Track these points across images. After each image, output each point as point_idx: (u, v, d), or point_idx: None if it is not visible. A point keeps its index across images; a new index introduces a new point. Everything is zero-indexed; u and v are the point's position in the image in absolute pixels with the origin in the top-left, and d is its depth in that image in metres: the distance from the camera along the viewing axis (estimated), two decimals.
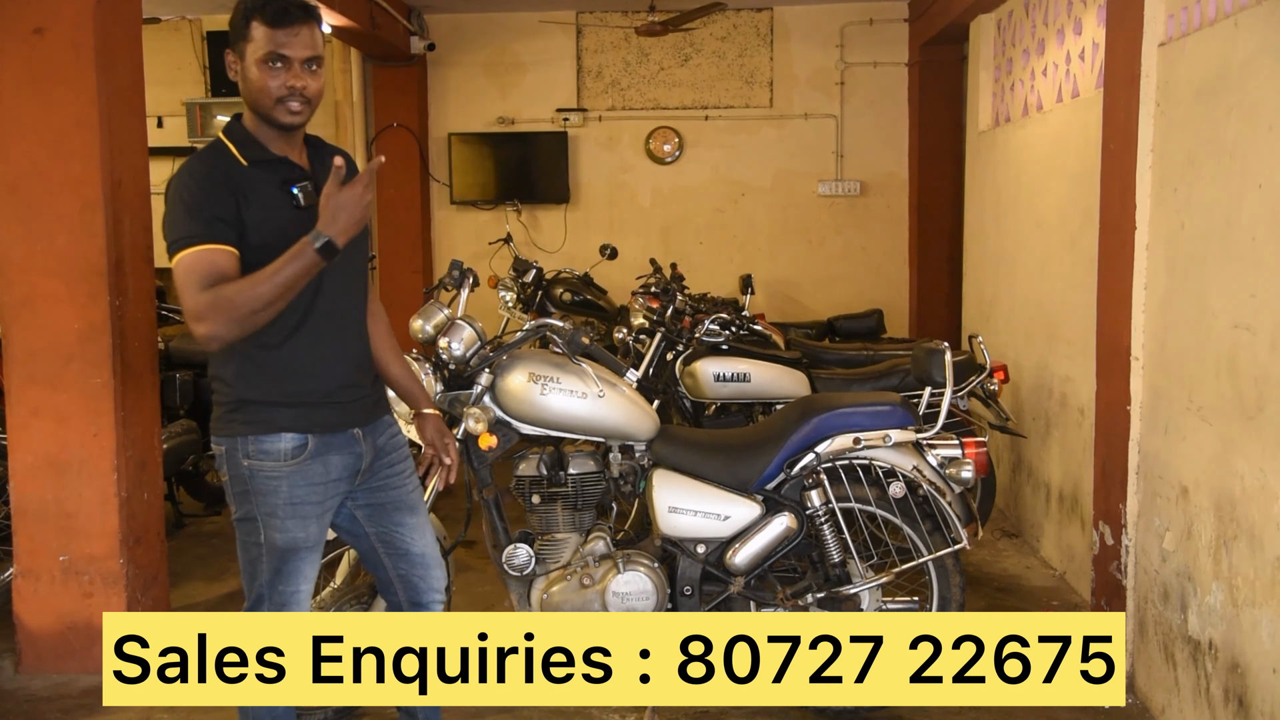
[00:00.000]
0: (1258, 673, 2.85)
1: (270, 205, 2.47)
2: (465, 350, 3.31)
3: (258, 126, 2.53)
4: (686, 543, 3.42)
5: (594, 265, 7.58)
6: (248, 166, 2.48)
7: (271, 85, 2.44)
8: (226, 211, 2.40)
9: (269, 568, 2.64)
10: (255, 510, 2.59)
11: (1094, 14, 4.60)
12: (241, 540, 2.65)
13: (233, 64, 2.51)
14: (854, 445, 3.38)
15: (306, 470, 2.59)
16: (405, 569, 2.85)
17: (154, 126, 8.40)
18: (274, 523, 2.59)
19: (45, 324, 3.82)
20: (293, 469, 2.57)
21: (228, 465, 2.61)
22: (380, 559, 2.83)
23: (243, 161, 2.49)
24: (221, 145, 2.52)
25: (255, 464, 2.57)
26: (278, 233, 2.42)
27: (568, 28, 8.56)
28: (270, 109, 2.47)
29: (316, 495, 2.62)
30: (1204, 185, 3.19)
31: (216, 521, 5.79)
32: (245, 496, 2.60)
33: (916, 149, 8.23)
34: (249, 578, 2.68)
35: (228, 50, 2.51)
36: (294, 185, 2.50)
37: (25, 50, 3.76)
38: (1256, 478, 2.85)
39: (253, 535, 2.62)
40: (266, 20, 2.42)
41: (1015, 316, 5.61)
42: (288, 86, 2.44)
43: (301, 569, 2.66)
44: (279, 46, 2.43)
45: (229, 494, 2.65)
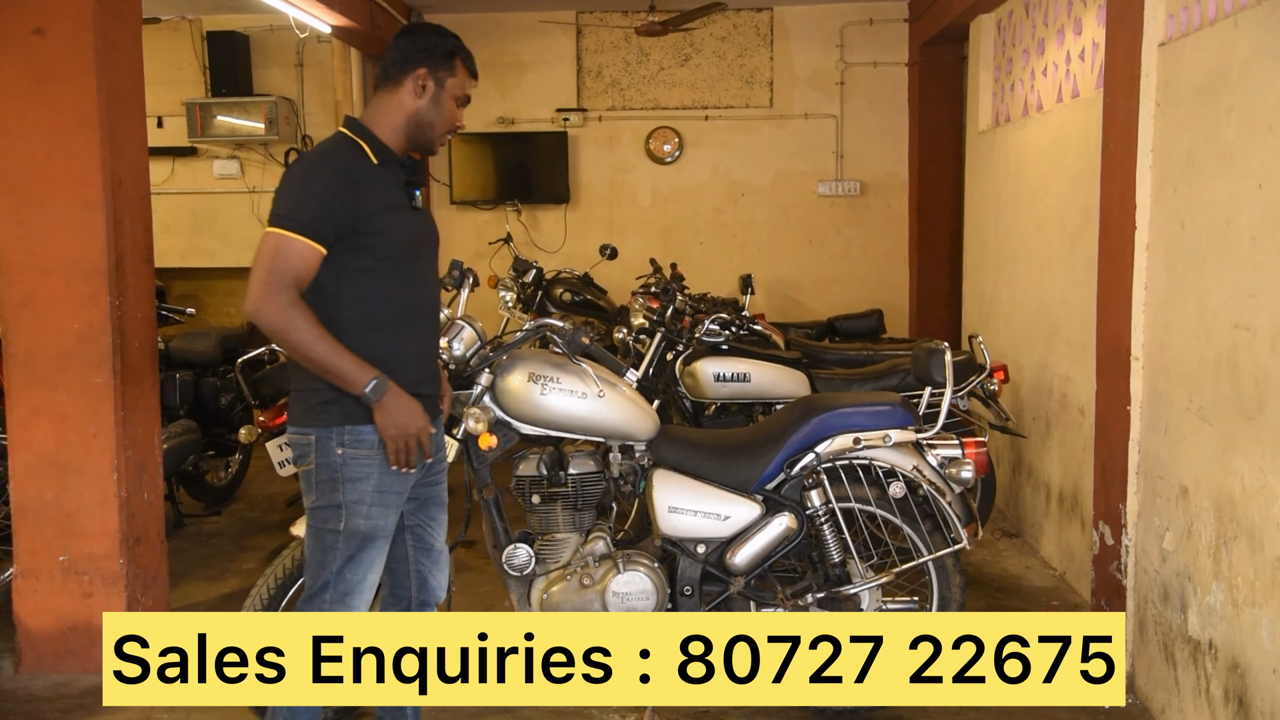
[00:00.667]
0: (1258, 673, 2.85)
1: (393, 202, 2.69)
2: (465, 350, 3.31)
3: (392, 135, 2.74)
4: (686, 543, 3.42)
5: (594, 265, 7.58)
6: (378, 165, 2.70)
7: (452, 119, 2.79)
8: (340, 212, 2.58)
9: (343, 555, 2.71)
10: (342, 497, 2.68)
11: (1094, 14, 4.60)
12: (316, 528, 2.72)
13: (423, 81, 2.73)
14: (854, 445, 3.38)
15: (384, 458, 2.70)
16: (426, 565, 2.96)
17: (154, 126, 8.40)
18: (360, 509, 2.68)
19: (45, 324, 3.83)
20: (384, 458, 2.69)
21: (317, 453, 2.69)
22: (407, 552, 2.93)
23: (374, 159, 2.69)
24: (353, 142, 2.71)
25: (350, 452, 2.67)
26: (397, 225, 2.69)
27: (568, 28, 8.57)
28: (438, 136, 2.79)
29: (400, 485, 2.75)
30: (1204, 185, 3.19)
31: (216, 521, 5.78)
32: (333, 484, 2.68)
33: (916, 149, 8.23)
34: (317, 566, 2.74)
35: (420, 67, 2.72)
36: (416, 188, 2.77)
37: (25, 50, 3.76)
38: (1256, 478, 2.85)
39: (331, 522, 2.69)
40: (469, 68, 2.81)
41: (1015, 316, 5.61)
42: (458, 124, 2.81)
43: (374, 558, 2.76)
44: (469, 91, 2.83)
45: (310, 482, 2.71)
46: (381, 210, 2.64)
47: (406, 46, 2.74)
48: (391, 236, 2.66)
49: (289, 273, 2.52)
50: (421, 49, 2.73)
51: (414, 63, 2.72)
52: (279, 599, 3.14)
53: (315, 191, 2.58)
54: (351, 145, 2.69)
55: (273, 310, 2.51)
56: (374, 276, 2.67)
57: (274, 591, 3.13)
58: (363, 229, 2.61)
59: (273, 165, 8.74)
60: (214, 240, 8.91)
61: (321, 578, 2.72)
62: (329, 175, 2.60)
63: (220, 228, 8.90)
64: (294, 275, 2.53)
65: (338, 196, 2.58)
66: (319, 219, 2.55)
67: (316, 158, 2.67)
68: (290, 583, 3.16)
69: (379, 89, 2.77)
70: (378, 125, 2.73)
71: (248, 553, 5.24)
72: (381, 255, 2.65)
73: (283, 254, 2.53)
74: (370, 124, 2.73)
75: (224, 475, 6.05)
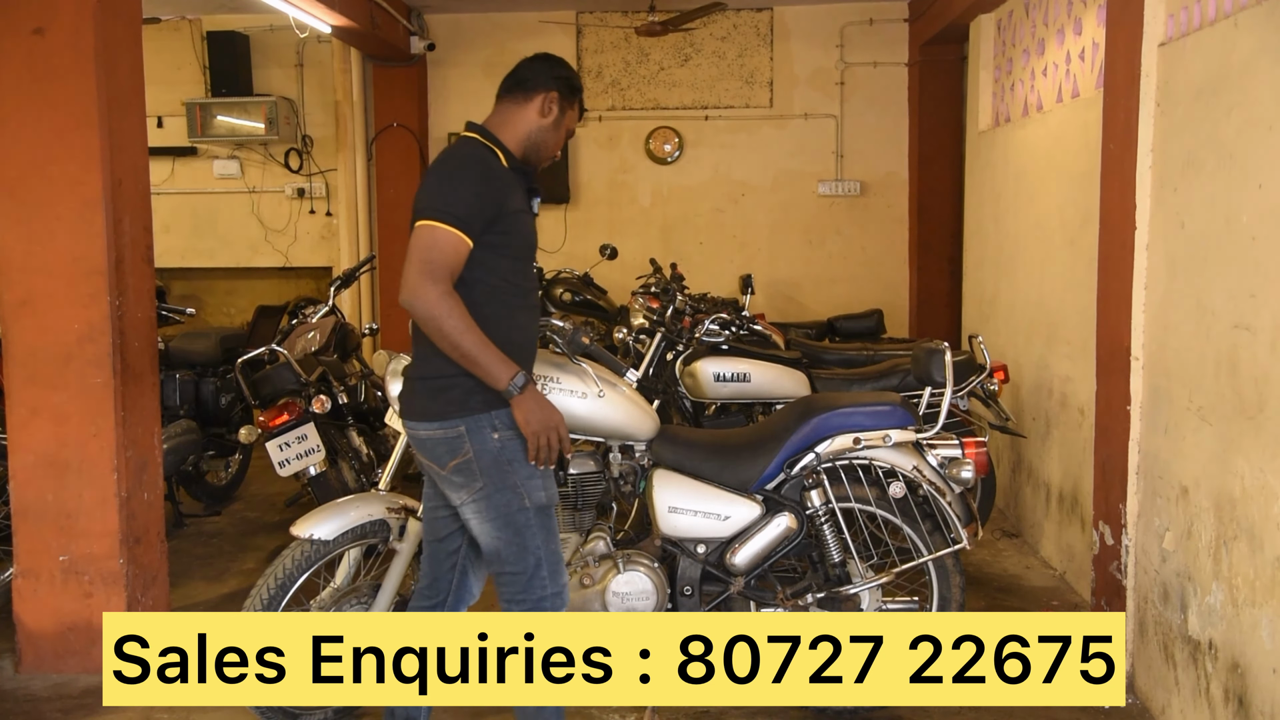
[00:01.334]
0: (1258, 673, 2.85)
1: (519, 206, 2.85)
2: None
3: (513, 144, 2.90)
4: (686, 543, 3.42)
5: (594, 265, 7.58)
6: (508, 169, 2.85)
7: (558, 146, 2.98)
8: (487, 209, 2.72)
9: (541, 528, 2.82)
10: (515, 477, 2.77)
11: (1094, 14, 4.60)
12: (504, 515, 2.78)
13: (552, 103, 2.92)
14: (854, 445, 3.38)
15: None
16: (471, 560, 3.04)
17: (154, 126, 8.40)
18: (534, 483, 2.80)
19: (45, 324, 3.83)
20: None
21: (472, 442, 2.75)
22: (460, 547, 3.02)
23: (505, 164, 2.85)
24: (489, 146, 2.85)
25: (505, 434, 2.77)
26: (523, 226, 2.85)
27: (568, 28, 8.56)
28: (546, 156, 2.96)
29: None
30: (1204, 185, 3.19)
31: (216, 521, 5.78)
32: (499, 469, 2.77)
33: (916, 149, 8.22)
34: (518, 549, 2.80)
35: (554, 90, 2.91)
36: (535, 196, 2.95)
37: (25, 50, 3.76)
38: (1256, 478, 2.85)
39: (515, 504, 2.78)
40: (582, 110, 3.05)
41: (1015, 316, 5.61)
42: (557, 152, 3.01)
43: (556, 525, 2.90)
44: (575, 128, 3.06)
45: (470, 472, 2.77)
46: (514, 211, 2.80)
47: (545, 70, 2.93)
48: (518, 236, 2.82)
49: (444, 263, 2.64)
50: (557, 76, 2.93)
51: (548, 85, 2.90)
52: (279, 599, 3.14)
53: (465, 187, 2.71)
54: (491, 151, 2.84)
55: (430, 298, 2.61)
56: (501, 273, 2.79)
57: (274, 591, 3.13)
58: (498, 227, 2.75)
59: (273, 165, 8.74)
60: (214, 240, 8.92)
61: (529, 559, 2.80)
62: (477, 173, 2.75)
63: (220, 228, 8.90)
64: (448, 266, 2.65)
65: (484, 194, 2.72)
66: (470, 213, 2.68)
67: (463, 157, 2.80)
68: (290, 582, 3.15)
69: (505, 99, 2.93)
70: (503, 133, 2.89)
71: (248, 553, 5.24)
72: (508, 254, 2.80)
73: (438, 245, 2.64)
74: (496, 131, 2.89)
75: (224, 475, 6.05)
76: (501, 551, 2.81)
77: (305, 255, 8.87)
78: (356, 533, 3.22)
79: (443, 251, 2.64)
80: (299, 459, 4.81)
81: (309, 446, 4.82)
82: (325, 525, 3.18)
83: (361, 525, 3.23)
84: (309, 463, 4.82)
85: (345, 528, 3.19)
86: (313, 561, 3.19)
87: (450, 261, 2.65)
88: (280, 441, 4.78)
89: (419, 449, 2.85)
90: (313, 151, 8.74)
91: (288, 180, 8.77)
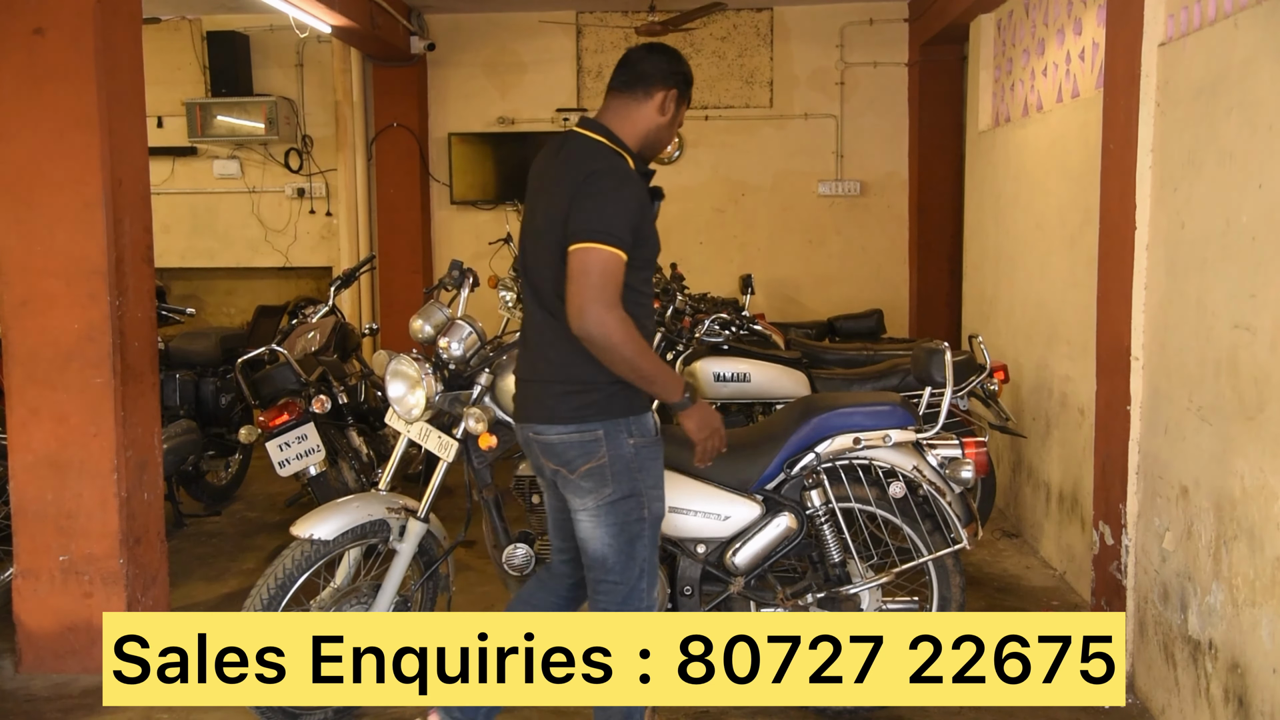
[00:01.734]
0: (1258, 673, 2.85)
1: (650, 210, 2.80)
2: (465, 350, 3.31)
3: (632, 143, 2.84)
4: (686, 543, 3.41)
5: None
6: (636, 174, 2.81)
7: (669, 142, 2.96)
8: (639, 224, 2.69)
9: (650, 540, 2.82)
10: (640, 486, 2.77)
11: (1094, 14, 4.60)
12: (620, 522, 2.76)
13: (671, 101, 2.86)
14: (854, 445, 3.38)
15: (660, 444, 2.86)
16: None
17: (154, 126, 8.40)
18: (655, 494, 2.82)
19: (45, 324, 3.82)
20: (658, 444, 2.84)
21: (608, 447, 2.73)
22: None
23: (633, 167, 2.81)
24: (620, 153, 2.79)
25: (639, 441, 2.77)
26: (653, 232, 2.81)
27: (568, 28, 8.56)
28: (659, 150, 2.92)
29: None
30: (1204, 185, 3.19)
31: (216, 521, 5.78)
32: (628, 475, 2.75)
33: (916, 149, 8.22)
34: (625, 558, 2.78)
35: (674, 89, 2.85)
36: (659, 198, 2.86)
37: (25, 50, 3.76)
38: (1256, 478, 2.85)
39: (635, 512, 2.77)
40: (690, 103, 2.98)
41: (1015, 316, 5.61)
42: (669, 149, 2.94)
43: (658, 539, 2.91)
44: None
45: (602, 476, 2.74)
46: (651, 219, 2.78)
47: (664, 65, 2.84)
48: (651, 242, 2.79)
49: (615, 287, 2.61)
50: (676, 73, 2.85)
51: (668, 82, 2.83)
52: (279, 599, 3.13)
53: (622, 205, 2.65)
54: (621, 156, 2.77)
55: (609, 325, 2.58)
56: (636, 282, 2.75)
57: (274, 591, 3.13)
58: (639, 239, 2.71)
59: (273, 165, 8.74)
60: (214, 240, 8.92)
61: (634, 568, 2.80)
62: (630, 190, 2.68)
63: (220, 228, 8.90)
64: (618, 289, 2.62)
65: (635, 211, 2.68)
66: (625, 232, 2.63)
67: (616, 173, 2.71)
68: (290, 582, 3.15)
69: (624, 94, 2.83)
70: (623, 131, 2.82)
71: (248, 553, 5.24)
72: (641, 262, 2.75)
73: (609, 269, 2.60)
74: (617, 130, 2.82)
75: (224, 475, 6.05)
76: (609, 560, 2.78)
77: (305, 255, 8.87)
78: (356, 533, 3.22)
79: (613, 275, 2.61)
80: (299, 459, 4.81)
81: (309, 446, 4.82)
82: (325, 525, 3.17)
83: (361, 525, 3.22)
84: (309, 463, 4.82)
85: (345, 528, 3.19)
86: (313, 561, 3.19)
87: (619, 284, 2.62)
88: (280, 441, 4.78)
89: (542, 453, 2.79)
90: (313, 151, 8.74)
91: (288, 180, 8.77)
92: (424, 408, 3.25)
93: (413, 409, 3.26)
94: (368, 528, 3.24)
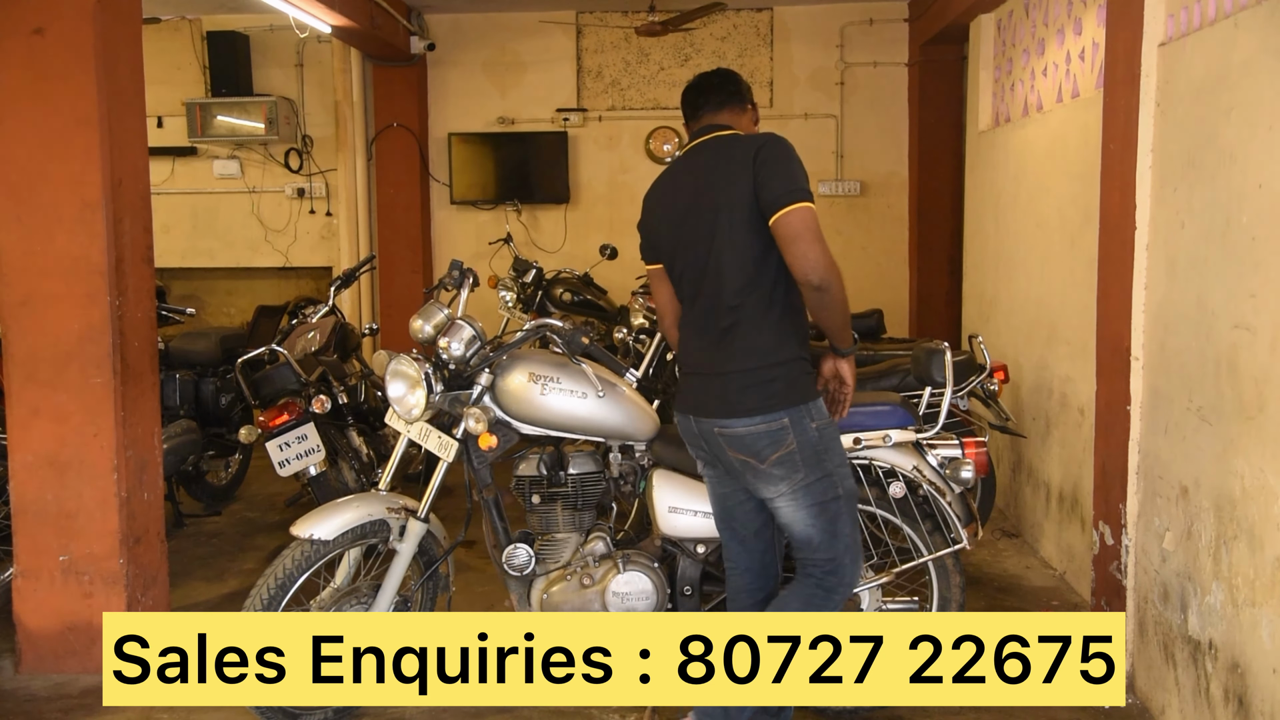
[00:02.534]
0: (1258, 673, 2.85)
1: None
2: (465, 350, 3.31)
3: None
4: (686, 543, 3.41)
5: (594, 265, 7.58)
6: None
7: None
8: None
9: (849, 516, 2.94)
10: (829, 465, 2.89)
11: (1094, 14, 4.60)
12: (818, 503, 2.88)
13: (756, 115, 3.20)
14: (854, 445, 3.38)
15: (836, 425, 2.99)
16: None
17: (154, 126, 8.40)
18: (843, 471, 2.94)
19: (45, 324, 3.83)
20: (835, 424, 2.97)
21: (795, 433, 2.85)
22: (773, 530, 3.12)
23: None
24: None
25: (820, 424, 2.89)
26: None
27: (568, 28, 8.56)
28: None
29: None
30: (1204, 185, 3.19)
31: (216, 521, 5.78)
32: (817, 457, 2.87)
33: (916, 149, 8.22)
34: (830, 535, 2.90)
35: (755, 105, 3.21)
36: None
37: (25, 50, 3.76)
38: (1256, 478, 2.85)
39: (830, 492, 2.89)
40: None
41: (1015, 316, 5.61)
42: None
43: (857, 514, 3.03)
44: None
45: (792, 463, 2.85)
46: None
47: (745, 85, 3.17)
48: None
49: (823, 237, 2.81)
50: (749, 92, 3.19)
51: (751, 98, 3.18)
52: (279, 599, 3.13)
53: (801, 167, 2.88)
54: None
55: (837, 270, 2.75)
56: None
57: (274, 591, 3.13)
58: None
59: (273, 165, 8.74)
60: (214, 240, 8.92)
61: (839, 544, 2.89)
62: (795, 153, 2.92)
63: (220, 228, 8.90)
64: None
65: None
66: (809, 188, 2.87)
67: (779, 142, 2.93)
68: (290, 583, 3.15)
69: (733, 106, 3.11)
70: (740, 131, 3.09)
71: (248, 553, 5.24)
72: None
73: (817, 222, 2.79)
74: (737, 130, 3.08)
75: (224, 475, 6.05)
76: (815, 539, 2.90)
77: (305, 255, 8.87)
78: (356, 533, 3.22)
79: (819, 227, 2.79)
80: (299, 459, 4.81)
81: (309, 446, 4.82)
82: (325, 525, 3.17)
83: (361, 525, 3.23)
84: (309, 463, 4.82)
85: (345, 528, 3.19)
86: (313, 561, 3.19)
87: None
88: (280, 441, 4.79)
89: (729, 446, 2.89)
90: (313, 151, 8.74)
91: (288, 180, 8.77)
92: (424, 408, 3.25)
93: (413, 409, 3.26)
94: (368, 528, 3.24)
